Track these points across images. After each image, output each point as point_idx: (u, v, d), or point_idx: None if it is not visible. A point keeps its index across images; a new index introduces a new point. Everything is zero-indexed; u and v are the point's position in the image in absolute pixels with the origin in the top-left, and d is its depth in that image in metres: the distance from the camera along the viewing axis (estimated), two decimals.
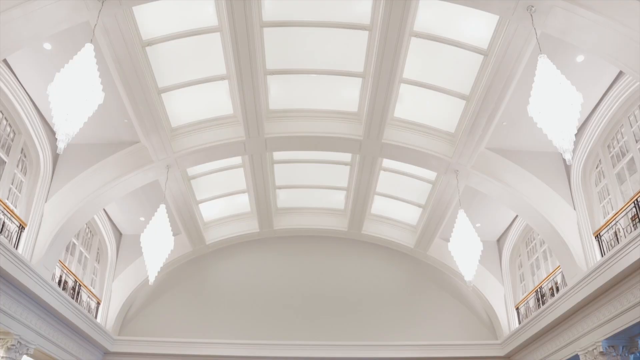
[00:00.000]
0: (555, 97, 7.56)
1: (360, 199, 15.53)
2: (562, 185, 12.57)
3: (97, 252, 15.95)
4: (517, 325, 15.51)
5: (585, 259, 11.80)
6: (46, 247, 11.79)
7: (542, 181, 12.58)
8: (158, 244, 11.72)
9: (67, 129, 7.25)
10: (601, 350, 11.10)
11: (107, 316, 15.83)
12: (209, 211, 16.42)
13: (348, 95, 12.73)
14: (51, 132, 12.15)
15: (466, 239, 11.97)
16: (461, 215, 12.38)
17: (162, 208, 12.36)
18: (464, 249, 11.94)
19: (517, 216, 15.52)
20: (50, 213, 12.09)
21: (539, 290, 14.51)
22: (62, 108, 7.28)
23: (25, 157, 11.99)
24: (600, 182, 11.98)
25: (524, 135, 12.41)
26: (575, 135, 7.69)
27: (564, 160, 12.83)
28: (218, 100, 12.65)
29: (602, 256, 11.25)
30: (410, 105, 12.66)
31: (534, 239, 15.33)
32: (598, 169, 12.03)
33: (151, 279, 11.71)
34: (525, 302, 15.29)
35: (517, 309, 15.80)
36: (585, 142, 11.92)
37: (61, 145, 7.18)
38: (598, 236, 11.70)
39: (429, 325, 16.41)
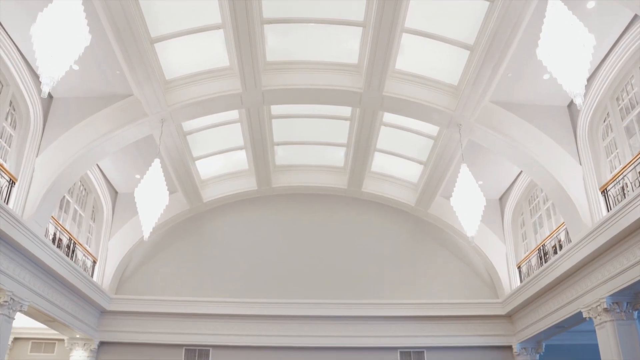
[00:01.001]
0: (566, 39, 7.14)
1: (360, 155, 15.19)
2: (568, 140, 12.21)
3: (93, 211, 15.67)
4: (518, 283, 15.34)
5: (591, 215, 11.50)
6: (38, 203, 11.48)
7: (547, 135, 12.21)
8: (153, 199, 11.41)
9: (51, 72, 6.86)
10: (605, 306, 10.93)
11: (104, 275, 15.64)
12: (206, 169, 16.07)
13: (348, 46, 12.26)
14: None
15: (469, 194, 11.66)
16: (464, 169, 12.04)
17: (157, 162, 12.01)
18: (466, 204, 11.63)
19: (520, 174, 15.24)
20: (42, 168, 11.75)
21: (541, 248, 14.28)
22: (46, 49, 6.89)
23: (14, 110, 11.60)
24: (607, 136, 11.60)
25: (530, 87, 12.01)
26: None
27: (570, 114, 12.49)
28: (213, 51, 12.17)
29: (609, 211, 10.96)
30: (412, 56, 12.21)
31: (537, 197, 15.05)
32: (606, 122, 11.64)
33: (146, 235, 11.44)
34: (527, 260, 15.08)
35: (519, 267, 15.60)
36: (593, 95, 11.50)
37: (45, 89, 6.80)
38: (604, 191, 11.38)
39: (429, 283, 16.25)
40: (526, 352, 15.39)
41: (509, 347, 15.67)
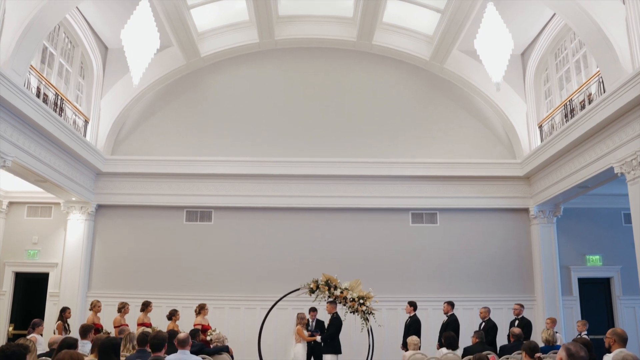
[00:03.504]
0: None
1: (371, 3, 13.64)
2: None
3: (81, 67, 14.48)
4: (538, 144, 14.36)
5: (632, 60, 10.23)
6: (12, 48, 10.23)
7: None
8: (142, 41, 10.14)
9: None
10: None
11: (97, 135, 14.71)
12: (202, 19, 14.57)
13: None
14: None
15: (495, 35, 10.33)
16: (490, 9, 10.64)
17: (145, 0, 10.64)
18: (492, 45, 10.32)
19: (545, 26, 13.86)
20: (12, 10, 10.35)
21: (568, 103, 13.15)
22: None
23: None
24: None
25: None
26: None
27: None
28: None
29: None
30: None
31: (565, 49, 13.74)
32: None
33: (135, 81, 10.28)
34: (550, 118, 14.01)
35: (540, 127, 14.57)
36: None
37: None
38: None
39: (443, 143, 15.28)
40: (543, 215, 14.75)
41: (526, 210, 15.04)
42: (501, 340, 11.86)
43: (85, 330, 8.45)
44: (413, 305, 12.15)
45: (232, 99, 15.51)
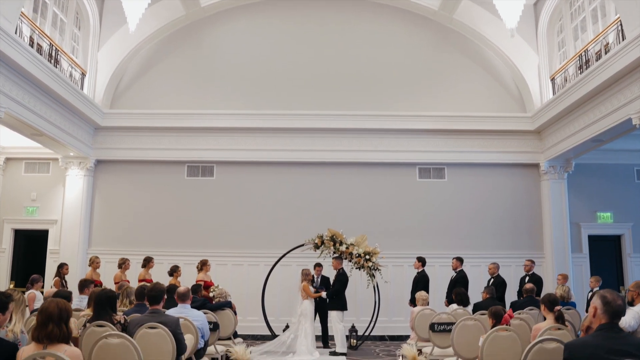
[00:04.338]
0: None
1: None
2: None
3: (76, 17, 13.94)
4: (550, 97, 13.88)
5: None
6: None
7: None
8: None
9: None
10: None
11: (95, 89, 14.24)
12: None
13: None
14: None
15: None
16: None
17: None
18: None
19: None
20: None
21: (583, 54, 12.62)
22: None
23: None
24: None
25: None
26: None
27: None
28: None
29: None
30: None
31: None
32: None
33: (132, 27, 9.88)
34: (564, 70, 13.50)
35: (553, 79, 14.07)
36: None
37: None
38: None
39: (452, 96, 14.76)
40: (554, 170, 14.37)
41: (536, 165, 14.62)
42: (510, 296, 11.67)
43: (82, 285, 8.20)
44: (421, 260, 11.89)
45: (233, 51, 14.97)
